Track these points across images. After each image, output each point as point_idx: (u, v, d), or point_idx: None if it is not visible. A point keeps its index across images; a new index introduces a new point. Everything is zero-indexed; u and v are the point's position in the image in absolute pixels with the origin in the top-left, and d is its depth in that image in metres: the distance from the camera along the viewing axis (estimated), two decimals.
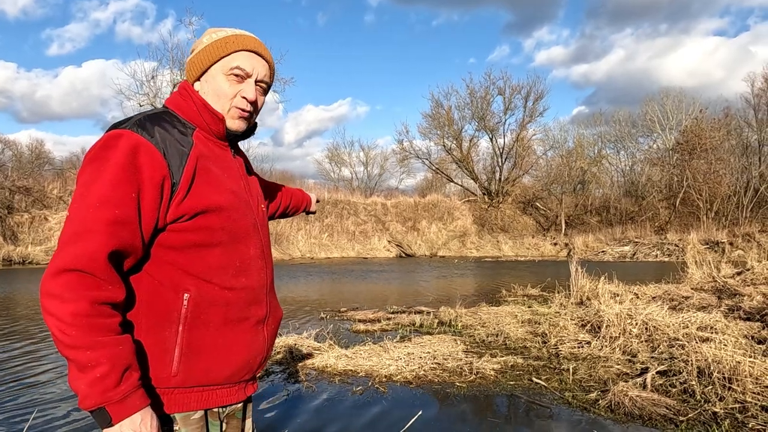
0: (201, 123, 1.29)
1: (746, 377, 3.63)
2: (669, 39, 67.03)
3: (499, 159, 35.82)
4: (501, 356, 4.99)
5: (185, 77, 1.36)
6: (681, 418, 3.38)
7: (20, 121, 62.24)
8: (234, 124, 1.31)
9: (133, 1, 67.63)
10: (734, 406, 3.44)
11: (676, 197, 30.05)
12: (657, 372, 4.14)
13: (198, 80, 1.32)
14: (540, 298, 9.03)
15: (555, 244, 29.00)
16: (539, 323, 6.34)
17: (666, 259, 22.08)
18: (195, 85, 1.32)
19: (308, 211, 2.07)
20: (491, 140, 36.30)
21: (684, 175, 29.66)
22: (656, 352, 4.76)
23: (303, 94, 75.68)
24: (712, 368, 3.81)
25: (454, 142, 36.47)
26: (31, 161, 32.70)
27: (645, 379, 3.98)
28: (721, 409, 3.42)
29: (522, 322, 6.58)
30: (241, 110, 1.30)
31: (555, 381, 4.29)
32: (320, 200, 2.20)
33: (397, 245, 27.53)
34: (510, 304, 8.34)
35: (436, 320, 6.85)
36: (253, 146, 37.44)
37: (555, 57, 68.62)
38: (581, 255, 22.69)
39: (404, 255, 26.79)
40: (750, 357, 3.92)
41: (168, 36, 59.62)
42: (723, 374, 3.73)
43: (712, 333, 4.98)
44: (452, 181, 38.41)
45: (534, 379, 4.33)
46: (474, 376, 4.45)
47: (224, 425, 1.30)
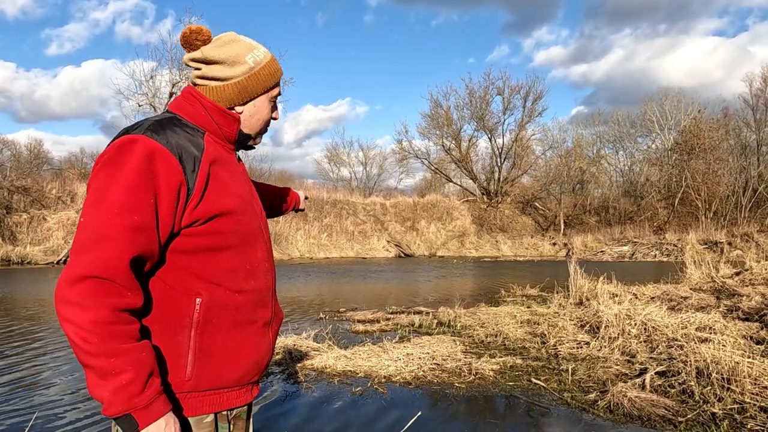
0: (211, 126, 1.29)
1: (745, 378, 3.63)
2: (668, 39, 67.14)
3: (498, 159, 35.88)
4: (500, 357, 4.99)
5: (195, 78, 1.32)
6: (680, 419, 3.38)
7: (19, 121, 62.19)
8: (258, 140, 1.42)
9: (133, 1, 67.53)
10: (733, 407, 3.45)
11: (675, 197, 30.10)
12: (656, 373, 4.14)
13: (245, 104, 1.33)
14: (539, 299, 9.04)
15: (554, 244, 29.02)
16: (538, 324, 6.35)
17: (665, 259, 22.12)
18: (237, 107, 1.33)
19: (297, 209, 2.06)
20: (490, 140, 36.39)
21: (683, 175, 29.71)
22: (655, 353, 4.76)
23: (302, 94, 75.80)
24: (711, 369, 3.82)
25: (453, 142, 36.51)
26: (30, 161, 32.64)
27: (644, 380, 3.99)
28: (720, 410, 3.43)
29: (521, 323, 6.58)
30: (267, 129, 1.40)
31: (554, 381, 4.30)
32: (309, 197, 2.19)
33: (396, 245, 27.53)
34: (509, 305, 8.34)
35: (435, 321, 6.85)
36: None
37: (554, 57, 68.71)
38: (580, 255, 22.70)
39: (403, 255, 26.79)
40: (749, 357, 3.92)
41: (167, 36, 59.59)
42: (722, 375, 3.73)
43: (711, 333, 4.99)
44: (451, 181, 38.44)
45: (533, 380, 4.34)
46: (473, 377, 4.46)
47: (231, 427, 1.30)
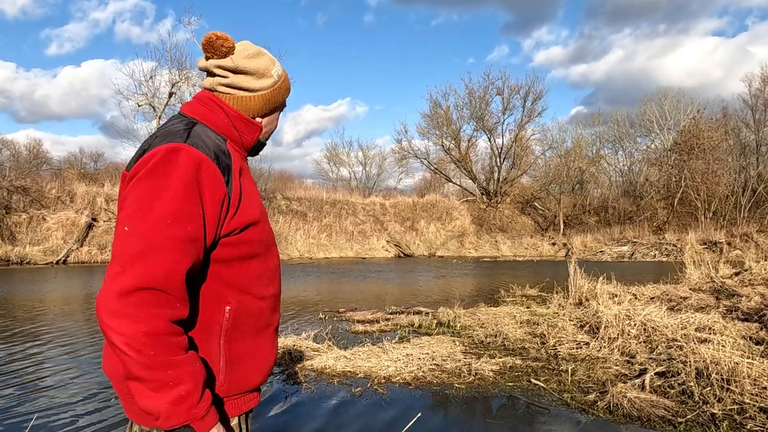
0: (232, 134, 1.28)
1: (744, 378, 3.64)
2: (667, 39, 67.21)
3: (498, 159, 35.88)
4: (499, 357, 4.99)
5: (218, 85, 1.29)
6: (679, 420, 3.38)
7: (18, 121, 62.19)
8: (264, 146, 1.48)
9: (133, 1, 67.54)
10: (733, 408, 3.45)
11: (674, 197, 30.11)
12: (655, 373, 4.15)
13: (264, 116, 1.36)
14: (538, 299, 9.04)
15: (553, 244, 29.02)
16: (538, 324, 6.35)
17: (664, 259, 22.13)
18: (259, 119, 1.36)
19: None
20: (490, 140, 36.39)
21: (682, 175, 29.72)
22: (655, 353, 4.76)
23: (302, 94, 75.74)
24: (711, 369, 3.82)
25: (453, 142, 36.49)
26: (29, 161, 32.63)
27: (643, 381, 3.99)
28: (720, 411, 3.43)
29: (520, 323, 6.58)
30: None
31: (554, 382, 4.30)
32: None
33: (396, 245, 27.52)
34: (508, 305, 8.34)
35: (435, 321, 6.85)
36: None
37: (554, 57, 68.81)
38: (579, 255, 22.70)
39: (403, 255, 26.79)
40: (748, 358, 3.92)
41: (167, 36, 59.62)
42: (721, 375, 3.73)
43: (711, 334, 4.99)
44: (451, 181, 38.43)
45: (533, 380, 4.34)
46: (473, 378, 4.46)
47: (248, 427, 1.34)
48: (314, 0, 71.93)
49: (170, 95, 24.05)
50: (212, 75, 1.30)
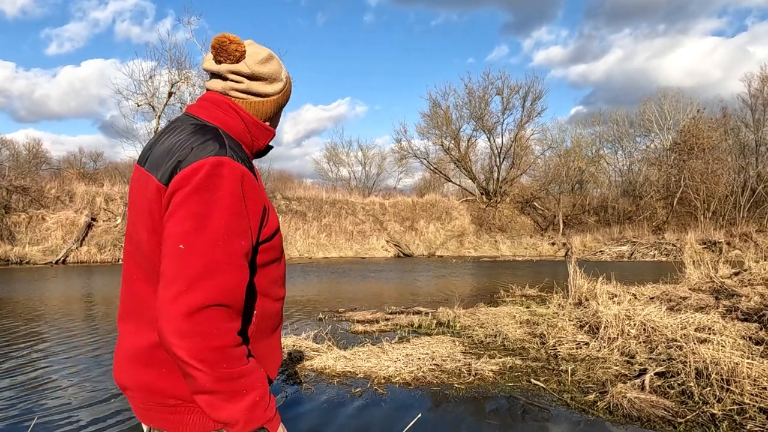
0: (246, 139, 1.28)
1: (744, 379, 3.64)
2: (667, 39, 67.19)
3: (497, 159, 35.84)
4: (499, 357, 4.99)
5: (231, 90, 1.27)
6: (679, 420, 3.39)
7: (18, 121, 62.08)
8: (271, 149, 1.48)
9: (132, 1, 67.41)
10: (732, 408, 3.45)
11: (674, 197, 30.11)
12: (655, 373, 4.15)
13: (271, 118, 1.36)
14: (538, 299, 9.04)
15: (553, 244, 29.02)
16: (537, 324, 6.35)
17: (663, 259, 22.13)
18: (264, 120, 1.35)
19: None
20: (489, 140, 36.34)
21: (681, 175, 29.72)
22: (654, 353, 4.76)
23: (302, 94, 75.56)
24: (710, 369, 3.82)
25: (452, 142, 36.46)
26: (29, 161, 32.60)
27: (643, 381, 3.99)
28: (720, 411, 3.43)
29: (520, 323, 6.58)
30: None
31: (553, 382, 4.30)
32: None
33: (395, 245, 27.52)
34: (508, 305, 8.34)
35: (435, 321, 6.85)
36: None
37: (553, 57, 68.78)
38: (579, 255, 22.70)
39: (402, 255, 26.79)
40: (748, 358, 3.92)
41: (166, 36, 59.57)
42: (721, 375, 3.73)
43: (710, 334, 4.99)
44: (450, 181, 38.42)
45: (532, 381, 4.34)
46: (472, 378, 4.46)
47: None
48: (314, 0, 71.93)
49: (170, 95, 24.04)
50: (222, 78, 1.26)
